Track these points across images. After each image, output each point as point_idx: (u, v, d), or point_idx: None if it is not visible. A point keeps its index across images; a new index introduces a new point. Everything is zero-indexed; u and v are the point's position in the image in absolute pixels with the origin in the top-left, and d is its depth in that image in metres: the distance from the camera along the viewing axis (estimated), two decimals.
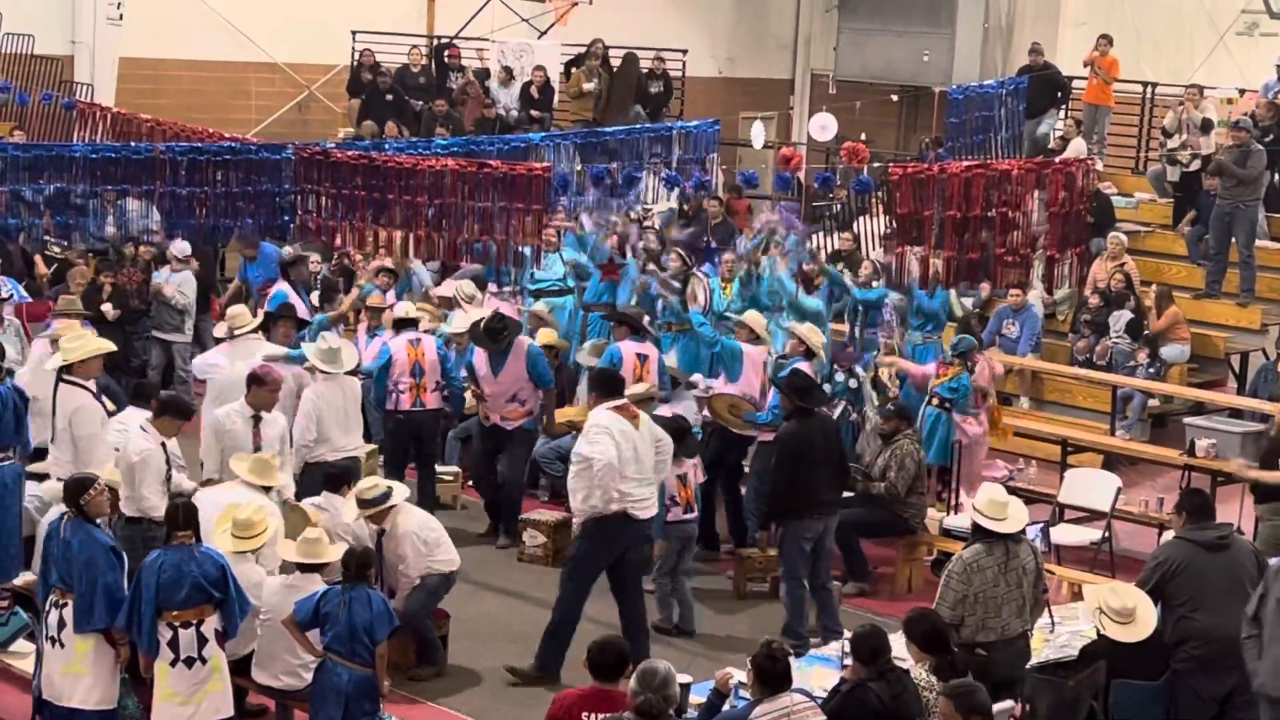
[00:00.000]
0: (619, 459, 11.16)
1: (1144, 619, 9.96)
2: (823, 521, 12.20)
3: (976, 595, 9.72)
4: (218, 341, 14.07)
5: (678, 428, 12.40)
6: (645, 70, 24.28)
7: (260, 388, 11.86)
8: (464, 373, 14.25)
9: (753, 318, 14.13)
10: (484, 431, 14.13)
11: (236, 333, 13.41)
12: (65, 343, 11.90)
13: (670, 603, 12.55)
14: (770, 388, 13.54)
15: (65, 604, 9.51)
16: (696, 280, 15.02)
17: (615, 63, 24.41)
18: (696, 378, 14.27)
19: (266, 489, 10.81)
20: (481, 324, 13.79)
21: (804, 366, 13.26)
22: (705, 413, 14.00)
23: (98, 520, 9.63)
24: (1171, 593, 9.89)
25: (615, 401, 11.57)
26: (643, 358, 13.97)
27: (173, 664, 9.41)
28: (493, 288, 16.13)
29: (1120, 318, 17.91)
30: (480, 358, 13.87)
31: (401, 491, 11.29)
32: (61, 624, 9.52)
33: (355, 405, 12.98)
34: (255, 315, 14.16)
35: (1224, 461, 14.97)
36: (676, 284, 15.11)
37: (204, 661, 9.47)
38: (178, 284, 17.12)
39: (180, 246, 16.84)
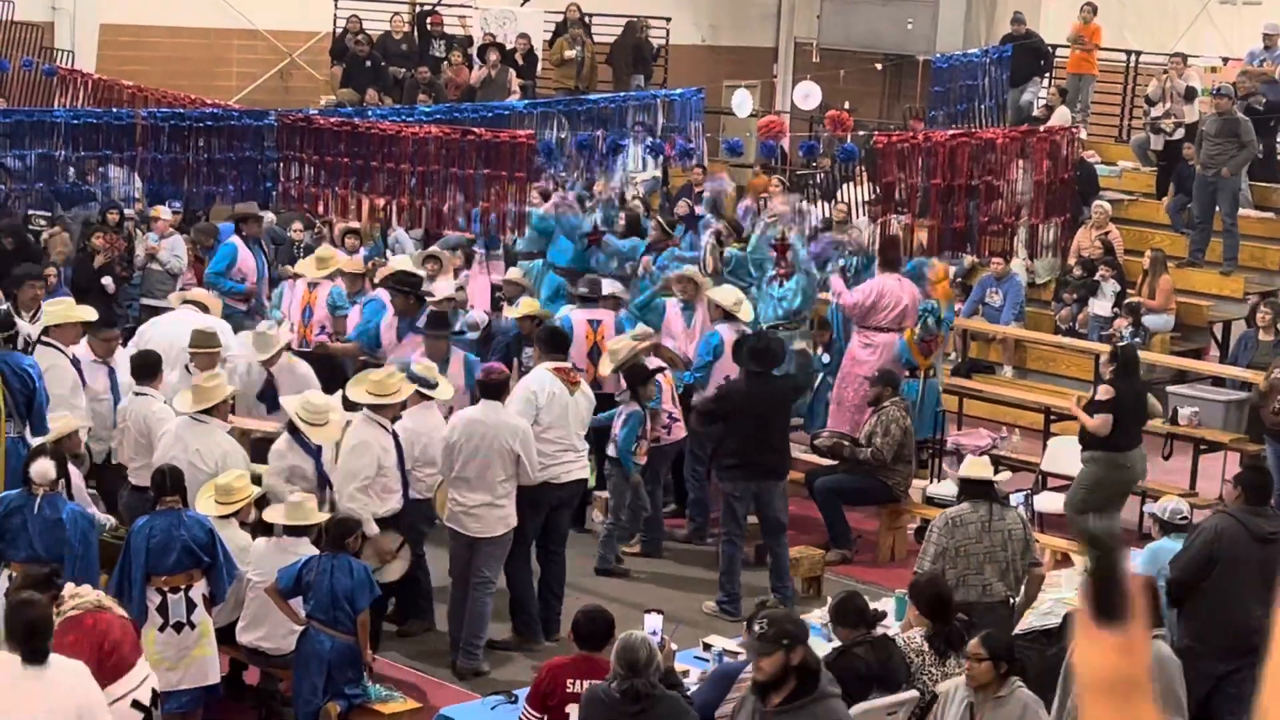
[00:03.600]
0: (538, 422, 11.30)
1: None
2: (757, 483, 12.20)
3: (958, 549, 9.79)
4: None
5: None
6: (642, 37, 24.30)
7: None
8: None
9: (721, 295, 13.84)
10: None
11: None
12: (48, 306, 11.91)
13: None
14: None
15: None
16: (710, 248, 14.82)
17: (598, 30, 24.38)
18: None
19: None
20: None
21: (724, 329, 13.37)
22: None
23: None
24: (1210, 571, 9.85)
25: (556, 362, 11.70)
26: (595, 323, 13.92)
27: (161, 629, 9.43)
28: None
29: (1109, 289, 17.90)
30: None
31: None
32: None
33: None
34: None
35: (1207, 430, 15.07)
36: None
37: (192, 626, 9.51)
38: (170, 248, 17.08)
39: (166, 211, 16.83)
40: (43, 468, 9.53)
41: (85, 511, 9.80)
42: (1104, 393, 13.17)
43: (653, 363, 13.25)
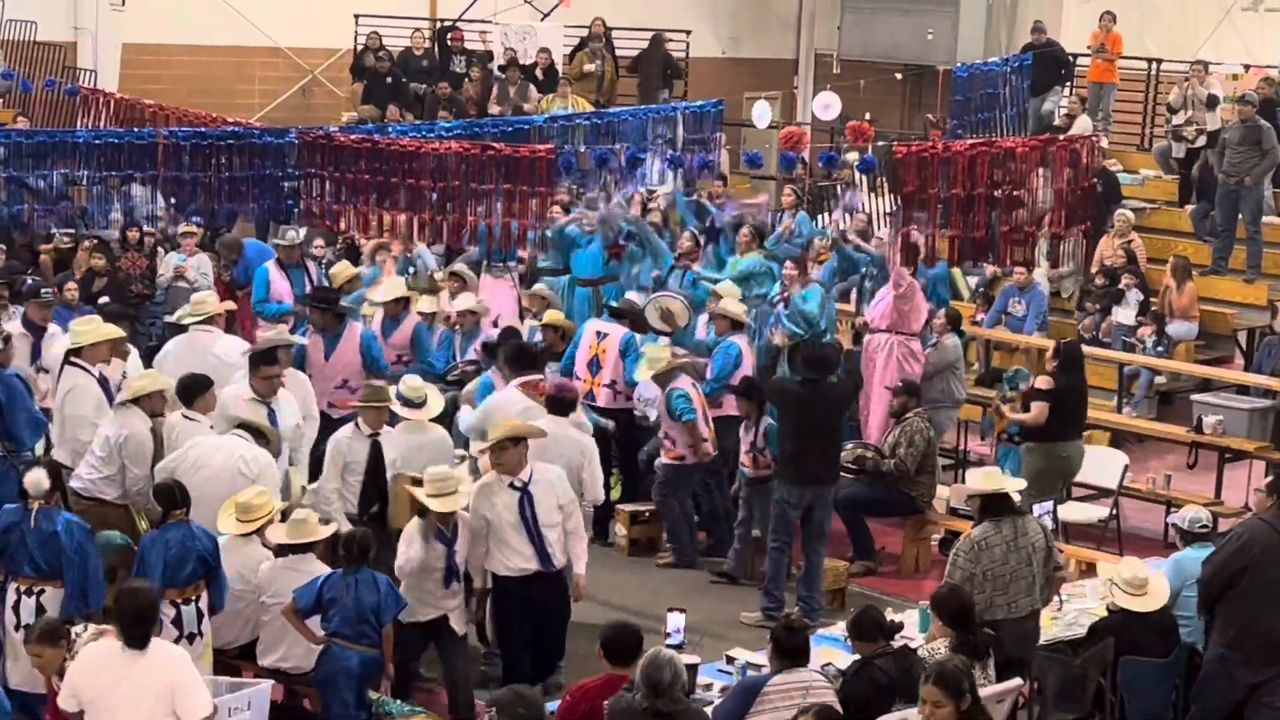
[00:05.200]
0: None
1: (1156, 590, 9.97)
2: (812, 490, 12.22)
3: (985, 573, 9.71)
4: None
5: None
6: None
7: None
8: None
9: (729, 306, 13.94)
10: None
11: (186, 320, 13.02)
12: (75, 325, 11.93)
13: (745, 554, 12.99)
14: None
15: (42, 591, 9.51)
16: (672, 300, 14.81)
17: (618, 43, 24.42)
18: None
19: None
20: None
21: (738, 339, 13.54)
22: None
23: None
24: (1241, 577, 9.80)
25: (524, 377, 11.79)
26: (601, 335, 13.96)
27: (175, 641, 9.43)
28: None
29: (1133, 298, 17.85)
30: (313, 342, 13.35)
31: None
32: (40, 611, 9.47)
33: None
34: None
35: (1232, 438, 15.01)
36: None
37: (201, 636, 9.61)
38: (196, 266, 17.14)
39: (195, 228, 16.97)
40: (35, 478, 9.54)
41: (81, 522, 9.77)
42: (1042, 382, 13.51)
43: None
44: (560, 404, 11.19)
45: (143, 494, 10.88)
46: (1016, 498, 10.09)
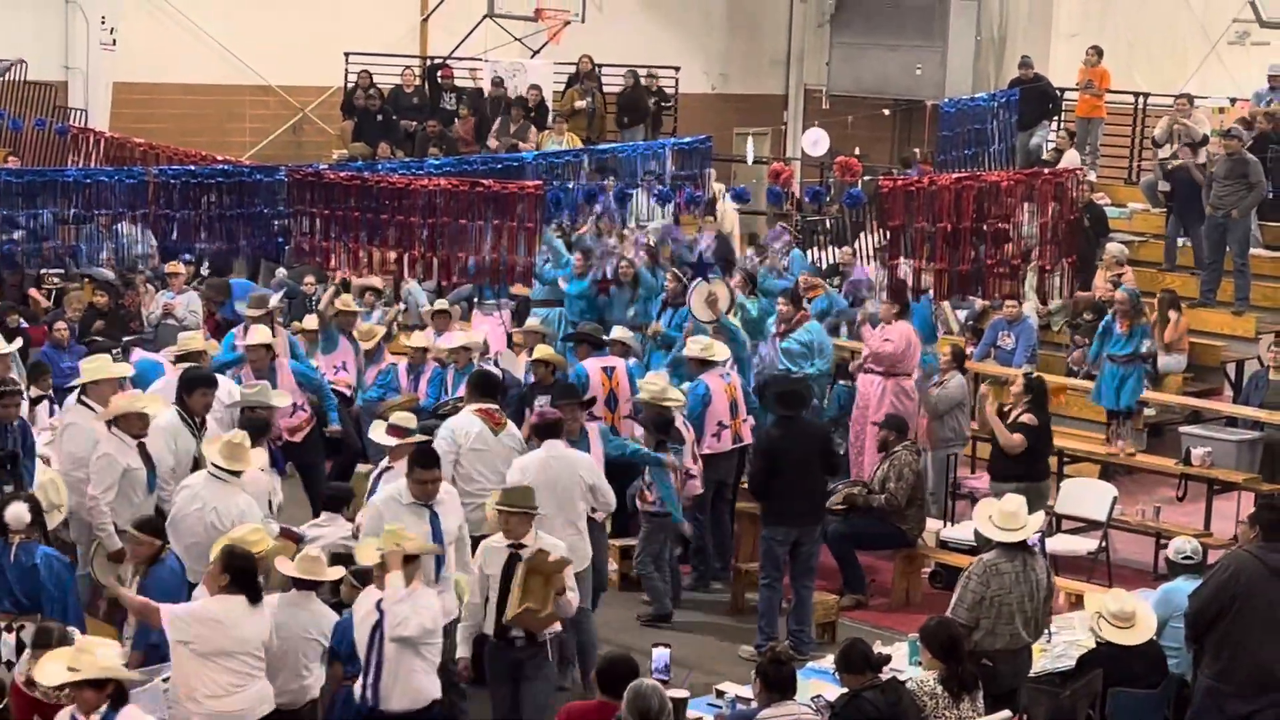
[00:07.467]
0: (459, 463, 11.37)
1: (1143, 623, 9.97)
2: (797, 529, 12.22)
3: (992, 599, 9.69)
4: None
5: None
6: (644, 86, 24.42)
7: None
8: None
9: (689, 346, 14.03)
10: None
11: (172, 358, 12.97)
12: (84, 364, 11.83)
13: (662, 591, 12.91)
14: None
15: (22, 627, 9.49)
16: (719, 285, 14.88)
17: (607, 80, 24.51)
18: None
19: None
20: None
21: (707, 378, 13.58)
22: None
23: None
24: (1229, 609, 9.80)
25: (482, 404, 11.76)
26: (609, 371, 14.01)
27: None
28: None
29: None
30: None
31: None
32: (22, 647, 9.39)
33: None
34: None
35: (1220, 470, 15.02)
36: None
37: None
38: (185, 304, 17.17)
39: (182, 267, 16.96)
40: (16, 512, 9.52)
41: (60, 555, 9.77)
42: (1028, 418, 13.54)
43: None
44: (548, 428, 11.23)
45: (92, 513, 10.77)
46: (1036, 531, 10.07)
